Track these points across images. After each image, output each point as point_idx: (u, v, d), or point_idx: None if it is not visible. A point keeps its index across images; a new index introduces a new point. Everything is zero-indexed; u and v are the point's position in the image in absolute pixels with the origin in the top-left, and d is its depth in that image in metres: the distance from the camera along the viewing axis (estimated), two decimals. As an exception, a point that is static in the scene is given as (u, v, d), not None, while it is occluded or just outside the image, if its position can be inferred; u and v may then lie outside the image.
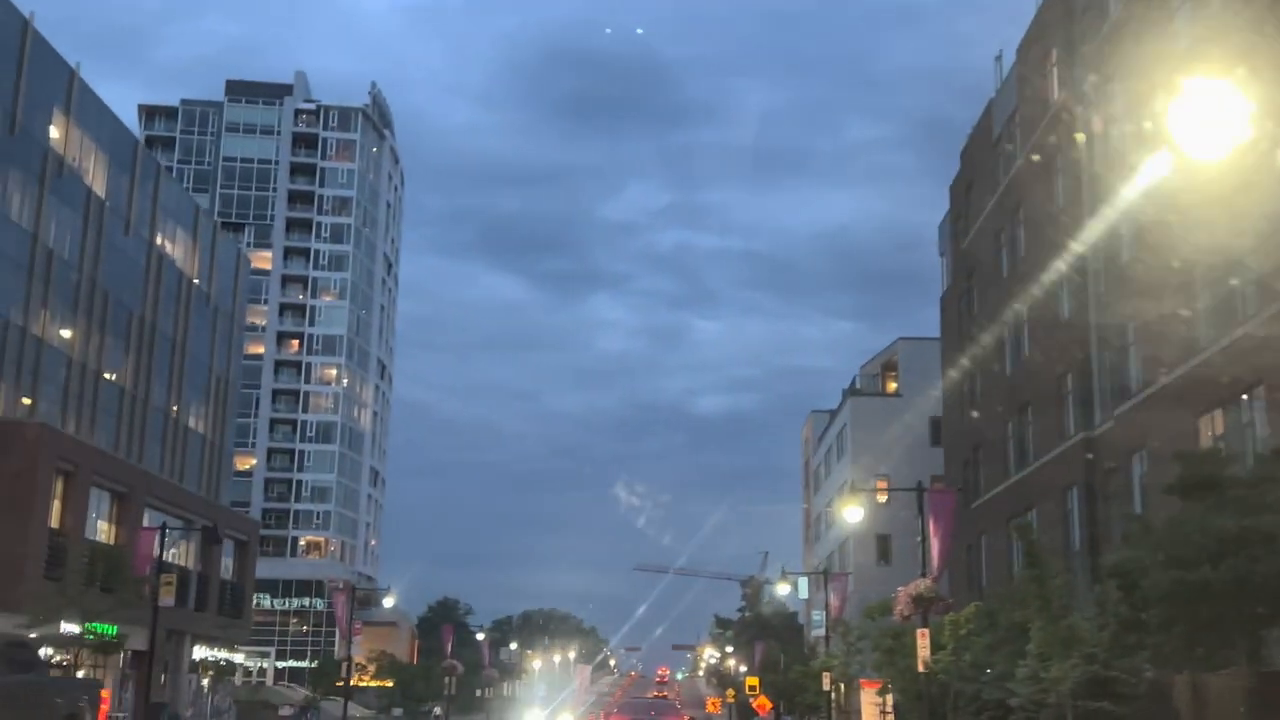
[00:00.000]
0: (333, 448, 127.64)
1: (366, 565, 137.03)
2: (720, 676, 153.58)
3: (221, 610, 69.56)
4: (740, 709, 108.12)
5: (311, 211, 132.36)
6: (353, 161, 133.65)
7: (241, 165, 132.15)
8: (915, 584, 27.51)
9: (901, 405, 66.16)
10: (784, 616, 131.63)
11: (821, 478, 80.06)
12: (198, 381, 70.15)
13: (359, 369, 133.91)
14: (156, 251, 63.86)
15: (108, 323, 58.18)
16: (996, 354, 44.60)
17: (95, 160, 56.96)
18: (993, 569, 45.02)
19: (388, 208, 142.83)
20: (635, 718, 41.56)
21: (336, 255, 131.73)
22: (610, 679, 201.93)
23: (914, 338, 67.54)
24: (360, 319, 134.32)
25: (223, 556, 69.96)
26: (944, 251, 55.46)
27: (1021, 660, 30.99)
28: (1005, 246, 43.87)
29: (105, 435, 58.46)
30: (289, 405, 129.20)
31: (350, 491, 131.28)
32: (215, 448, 72.61)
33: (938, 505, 28.51)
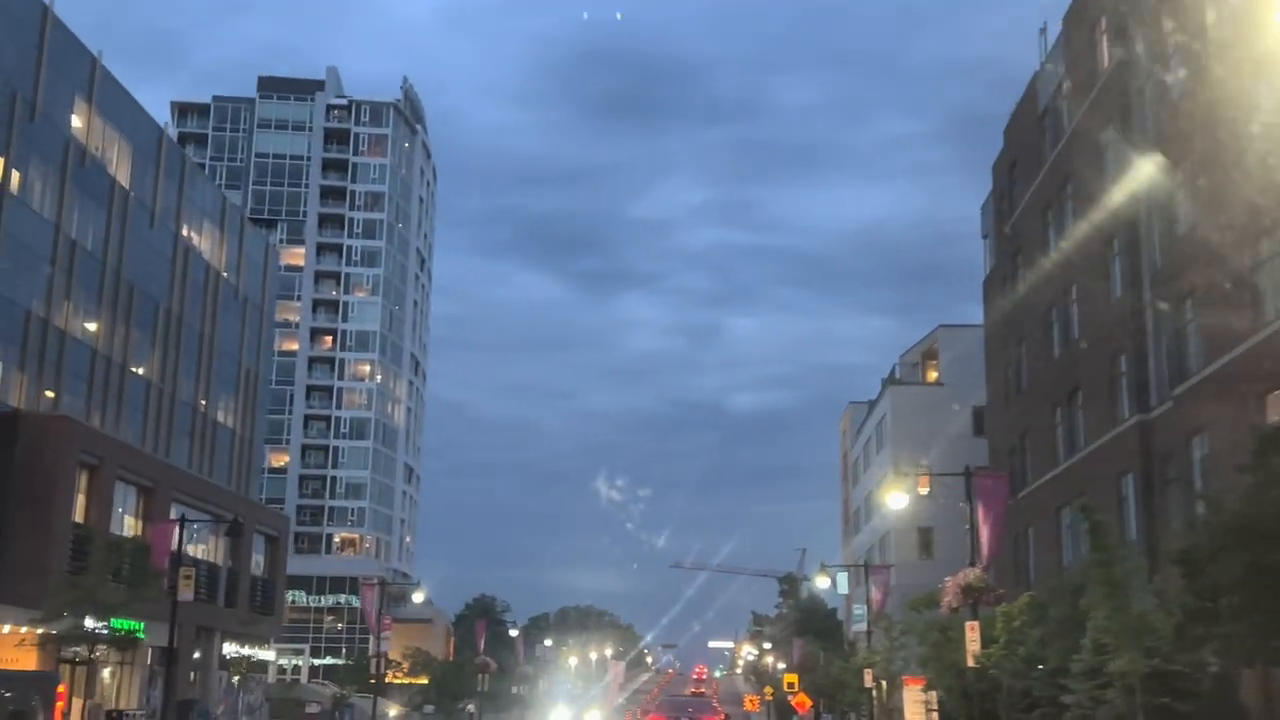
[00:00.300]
0: (366, 444, 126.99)
1: (402, 562, 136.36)
2: (758, 674, 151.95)
3: (252, 606, 68.76)
4: (779, 707, 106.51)
5: (344, 207, 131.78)
6: (385, 156, 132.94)
7: (274, 161, 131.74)
8: (964, 574, 25.98)
9: (942, 394, 64.39)
10: (822, 614, 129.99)
11: (860, 470, 78.32)
12: (226, 375, 69.31)
13: (392, 365, 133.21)
14: (183, 243, 63.01)
15: (133, 315, 57.34)
16: (1043, 337, 42.87)
17: (119, 150, 56.11)
18: (1040, 562, 43.31)
19: (420, 202, 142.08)
20: (673, 715, 40.46)
21: (369, 251, 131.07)
22: (647, 676, 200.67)
23: (955, 325, 65.74)
24: (393, 314, 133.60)
25: (253, 552, 69.20)
26: (986, 234, 53.71)
27: (1076, 655, 29.39)
28: (1052, 224, 42.14)
29: (132, 429, 57.64)
30: (323, 401, 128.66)
31: (385, 488, 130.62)
32: (245, 442, 71.76)
33: (987, 490, 26.94)
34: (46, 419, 47.91)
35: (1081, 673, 28.96)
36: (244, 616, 66.54)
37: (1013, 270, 47.42)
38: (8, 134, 46.45)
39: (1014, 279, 47.38)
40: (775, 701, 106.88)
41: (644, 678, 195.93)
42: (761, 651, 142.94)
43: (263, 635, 70.68)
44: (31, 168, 48.57)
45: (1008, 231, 48.10)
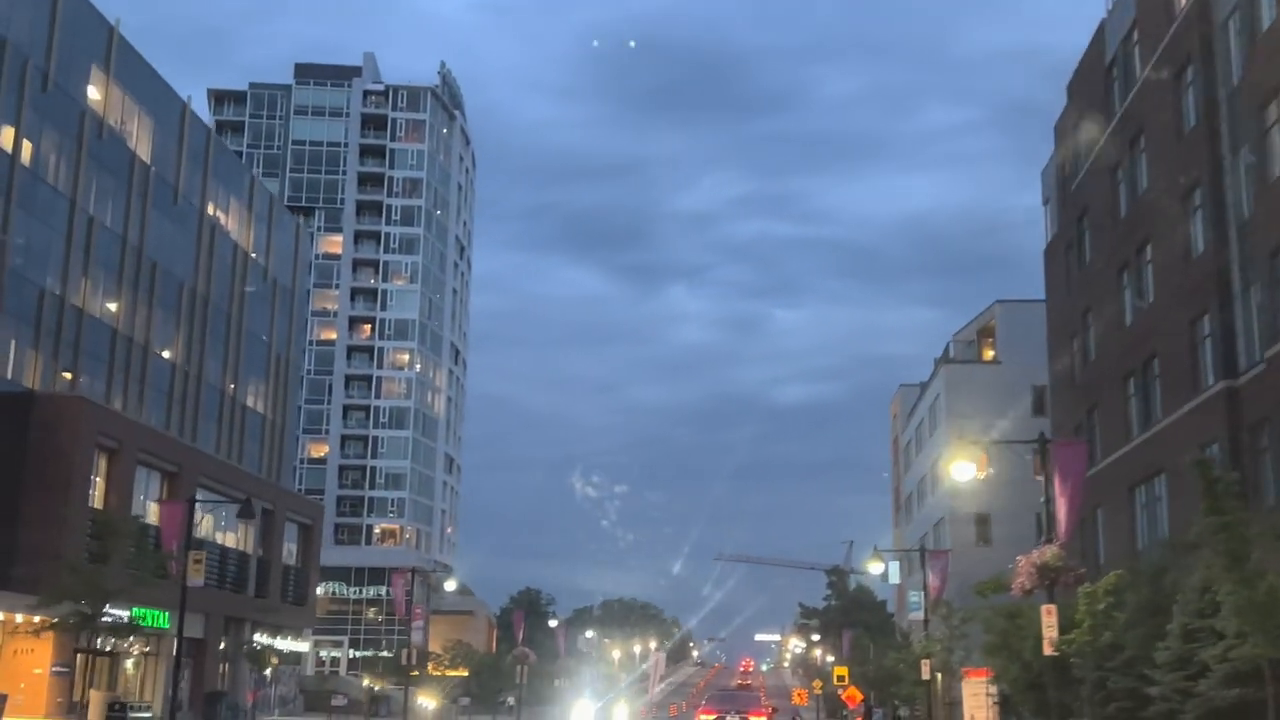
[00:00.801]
0: (406, 433, 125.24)
1: (443, 553, 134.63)
2: (806, 667, 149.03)
3: (284, 596, 66.90)
4: (828, 700, 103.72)
5: (381, 194, 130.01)
6: (422, 142, 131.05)
7: (310, 148, 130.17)
8: (1040, 551, 23.24)
9: (1000, 373, 61.35)
10: (871, 605, 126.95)
11: (912, 455, 75.32)
12: (256, 359, 67.46)
13: (432, 353, 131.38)
14: (209, 222, 61.14)
15: (156, 295, 55.48)
16: (1114, 303, 39.84)
17: (139, 123, 54.23)
18: (1111, 545, 40.33)
19: (459, 190, 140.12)
20: (722, 709, 39.95)
21: (407, 238, 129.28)
22: (692, 670, 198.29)
23: (1012, 300, 62.62)
24: (432, 303, 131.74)
25: (285, 540, 67.33)
26: (1048, 199, 50.61)
27: (1160, 642, 26.52)
28: (1123, 180, 39.10)
29: (156, 413, 55.83)
30: (361, 391, 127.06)
31: (425, 478, 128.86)
32: (276, 428, 69.92)
33: (1065, 460, 24.13)
34: (62, 400, 46.08)
35: (1168, 663, 26.16)
36: (275, 606, 64.68)
37: (1078, 234, 44.39)
38: (18, 103, 44.59)
39: (1079, 244, 44.35)
40: (824, 695, 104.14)
41: (689, 671, 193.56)
42: (809, 644, 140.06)
43: (295, 626, 68.85)
44: (45, 139, 46.72)
45: (1073, 192, 45.04)
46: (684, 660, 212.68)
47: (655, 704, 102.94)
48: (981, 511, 59.85)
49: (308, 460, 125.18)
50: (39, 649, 43.80)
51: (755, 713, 41.68)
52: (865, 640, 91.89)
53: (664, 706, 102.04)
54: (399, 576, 51.92)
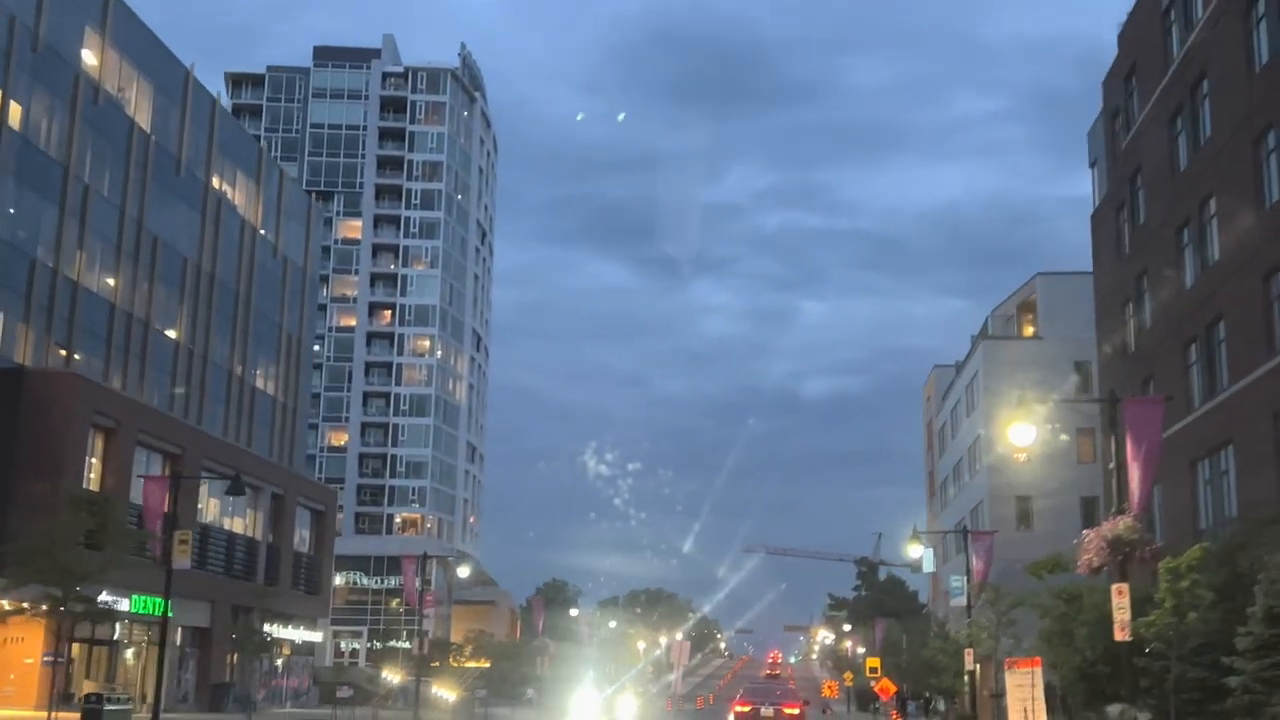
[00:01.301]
0: (427, 421, 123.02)
1: (466, 543, 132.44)
2: (836, 659, 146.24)
3: (296, 585, 64.73)
4: (859, 693, 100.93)
5: (401, 178, 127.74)
6: (443, 125, 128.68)
7: (329, 132, 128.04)
8: (1112, 523, 20.57)
9: (1042, 348, 58.36)
10: (903, 596, 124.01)
11: (947, 437, 72.35)
12: (266, 339, 65.18)
13: (453, 340, 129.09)
14: (214, 195, 58.81)
15: (158, 270, 53.20)
16: (1173, 264, 36.88)
17: (138, 89, 51.91)
18: (1170, 524, 37.39)
19: (480, 173, 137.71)
20: (757, 700, 39.68)
21: (428, 222, 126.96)
22: (719, 662, 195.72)
23: (1054, 272, 59.57)
24: (453, 288, 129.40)
25: (297, 527, 65.15)
26: (1094, 161, 47.61)
27: (1241, 627, 23.73)
28: (1183, 130, 36.12)
29: (158, 393, 53.59)
30: (382, 378, 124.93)
31: (447, 467, 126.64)
32: (288, 411, 67.65)
33: (1139, 419, 21.39)
34: (55, 376, 43.87)
35: (1250, 649, 23.39)
36: (286, 595, 62.47)
37: (1130, 193, 41.41)
38: (6, 63, 42.31)
39: (1132, 203, 41.38)
40: (855, 687, 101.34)
41: (716, 663, 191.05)
42: (839, 635, 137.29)
43: (309, 615, 66.66)
44: (35, 102, 44.42)
45: (1125, 149, 42.06)
46: (711, 652, 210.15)
47: (681, 695, 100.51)
48: (1023, 494, 56.95)
49: (328, 448, 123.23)
50: (30, 638, 41.62)
51: (789, 704, 40.74)
52: (897, 631, 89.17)
53: (690, 698, 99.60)
54: (409, 562, 49.56)
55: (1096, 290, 47.35)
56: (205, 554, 54.07)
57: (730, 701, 41.29)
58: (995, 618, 33.32)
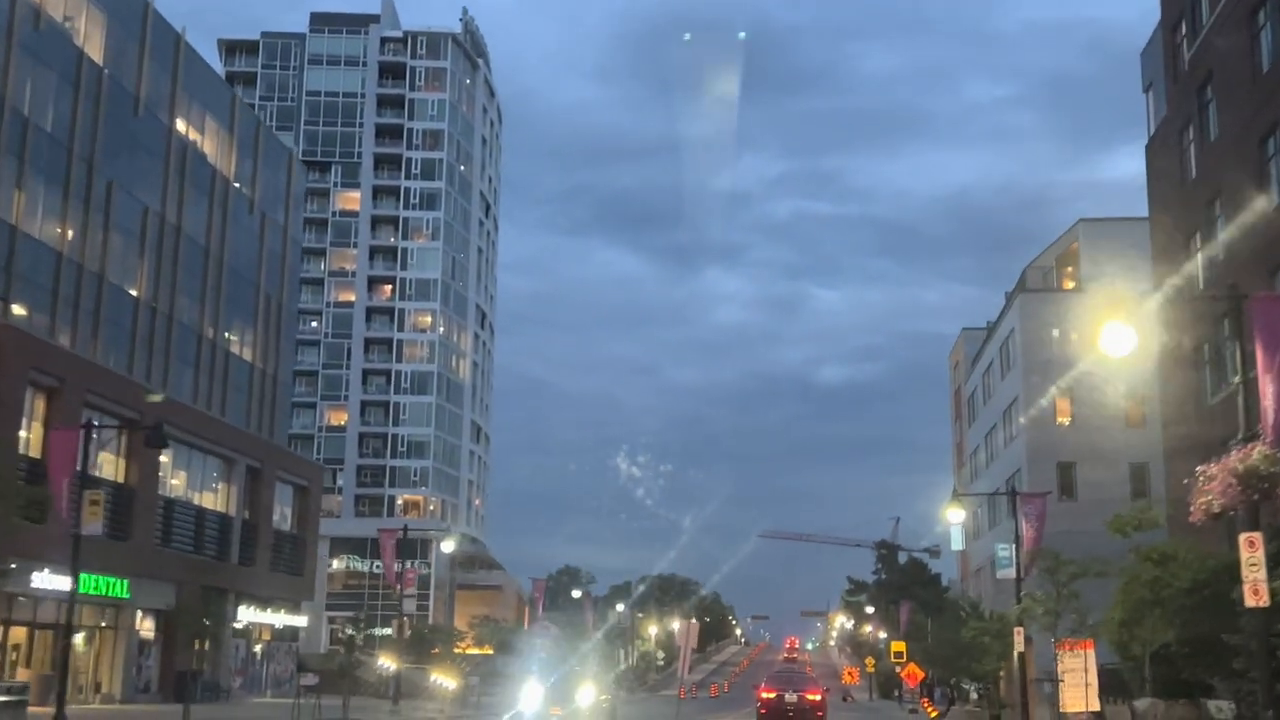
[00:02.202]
0: (429, 399, 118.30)
1: (471, 526, 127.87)
2: (855, 645, 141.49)
3: (276, 566, 60.12)
4: (881, 679, 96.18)
5: (401, 146, 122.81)
6: (444, 92, 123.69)
7: (326, 100, 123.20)
8: (1243, 452, 15.68)
9: (1085, 303, 53.21)
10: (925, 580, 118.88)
11: (978, 404, 67.25)
12: (241, 300, 60.45)
13: (456, 315, 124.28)
14: (179, 140, 54.03)
15: (113, 218, 48.44)
16: (1254, 183, 31.82)
17: (88, 18, 47.12)
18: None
19: (483, 143, 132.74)
20: (781, 687, 40.24)
21: (429, 193, 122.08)
22: (735, 649, 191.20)
23: (1098, 219, 54.41)
24: (456, 262, 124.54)
25: (278, 504, 60.51)
26: (1149, 84, 42.50)
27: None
28: (1267, 22, 31.02)
29: (115, 353, 48.86)
30: (382, 355, 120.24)
31: (450, 447, 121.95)
32: (268, 379, 62.94)
33: (1273, 323, 16.47)
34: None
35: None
36: (265, 577, 57.88)
37: (1198, 108, 36.29)
38: (-78, -27, 37.54)
39: (1201, 120, 36.27)
40: (878, 673, 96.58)
41: (732, 650, 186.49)
42: (859, 620, 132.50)
43: (291, 598, 62.04)
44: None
45: (1191, 60, 36.92)
46: (727, 639, 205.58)
47: (692, 683, 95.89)
48: (1065, 459, 51.91)
49: (326, 428, 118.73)
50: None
51: (811, 691, 40.45)
52: (920, 616, 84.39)
53: (705, 686, 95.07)
54: (388, 537, 44.76)
55: (1154, 229, 42.26)
56: (170, 531, 49.50)
57: (756, 689, 43.84)
58: (1055, 590, 28.30)
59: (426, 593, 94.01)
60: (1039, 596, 28.80)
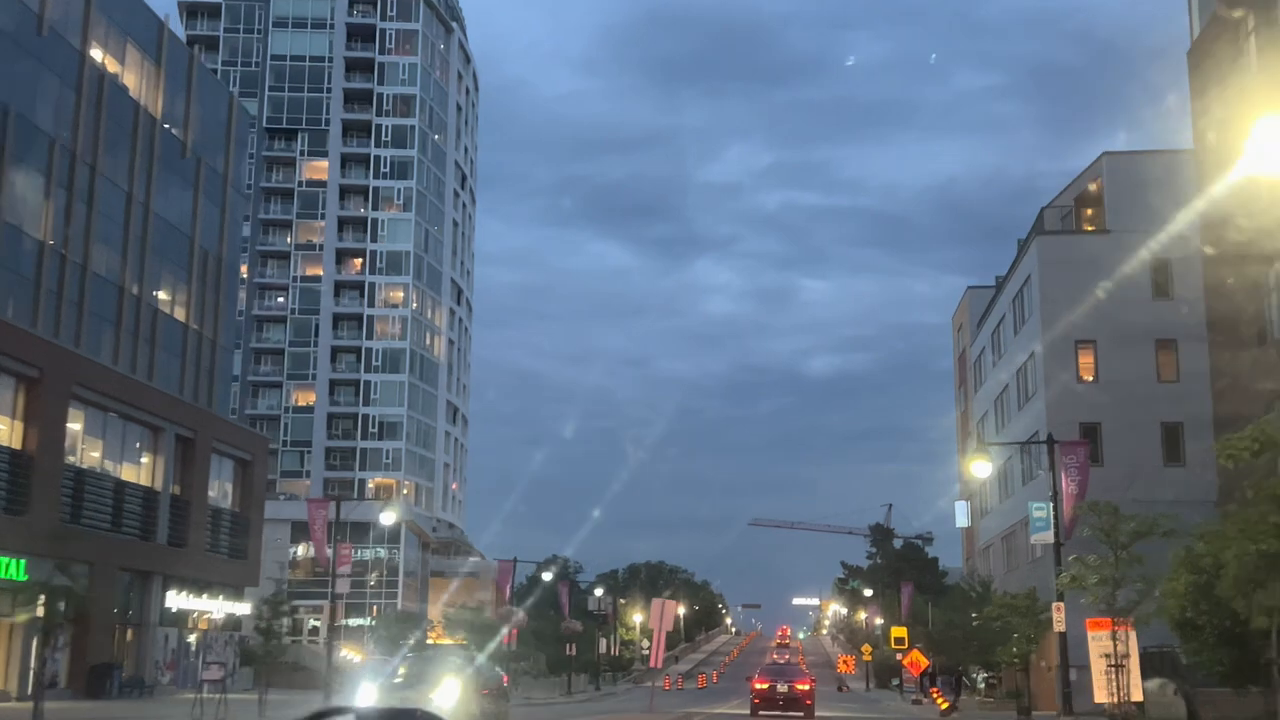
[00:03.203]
0: (401, 378, 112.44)
1: (448, 512, 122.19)
2: (850, 632, 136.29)
3: (215, 548, 54.37)
4: (878, 668, 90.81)
5: (370, 112, 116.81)
6: (415, 55, 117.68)
7: (292, 64, 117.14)
8: None
9: (1110, 246, 47.68)
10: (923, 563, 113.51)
11: (986, 366, 61.63)
12: (174, 254, 54.59)
13: (430, 290, 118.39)
14: (94, 68, 48.08)
15: (10, 149, 42.54)
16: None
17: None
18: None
19: (458, 111, 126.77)
20: (774, 679, 44.35)
21: (400, 161, 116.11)
22: (725, 638, 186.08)
23: (1124, 151, 48.75)
24: (430, 234, 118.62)
25: (217, 479, 54.73)
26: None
27: None
28: None
29: (17, 305, 43.02)
30: (352, 331, 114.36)
31: (425, 428, 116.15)
32: (206, 343, 57.10)
33: None
34: None
35: None
36: (201, 559, 52.15)
37: None
38: None
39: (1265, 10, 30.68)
40: (874, 662, 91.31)
41: (722, 639, 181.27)
42: (854, 607, 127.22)
43: (232, 584, 56.29)
44: None
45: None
46: (718, 628, 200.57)
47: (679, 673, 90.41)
48: (1089, 419, 46.31)
49: (294, 408, 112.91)
50: None
51: (800, 682, 43.97)
52: (919, 600, 79.24)
53: (692, 676, 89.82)
54: (317, 508, 39.03)
55: (1200, 150, 36.74)
56: (81, 505, 43.66)
57: (749, 680, 46.31)
58: (1112, 553, 22.69)
59: (395, 580, 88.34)
60: (1092, 561, 23.14)
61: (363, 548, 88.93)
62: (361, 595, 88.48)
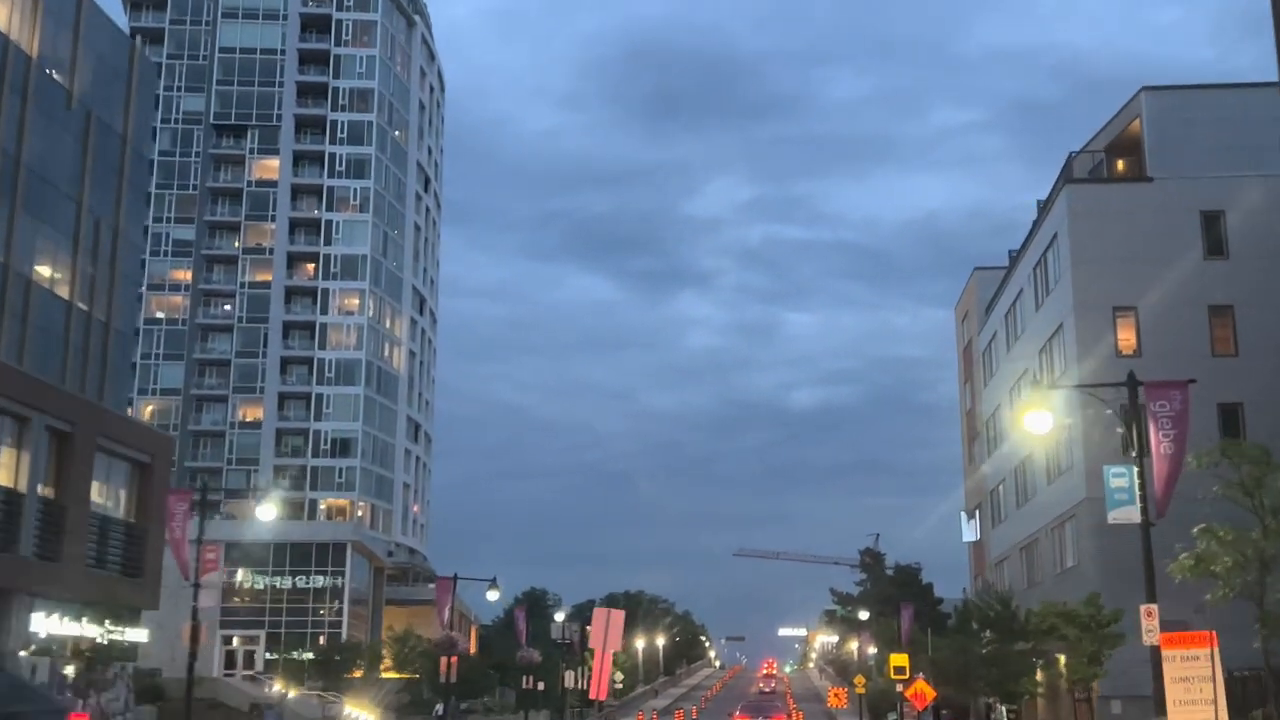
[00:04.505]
0: (356, 390, 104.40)
1: (409, 535, 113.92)
2: (840, 664, 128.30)
3: (103, 563, 46.11)
4: (871, 701, 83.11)
5: (325, 107, 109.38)
6: (373, 47, 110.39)
7: (242, 57, 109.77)
8: None
9: (1154, 196, 40.35)
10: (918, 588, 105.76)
11: (999, 353, 54.04)
12: (57, 220, 46.80)
13: (389, 297, 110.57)
14: (-55, -10, 40.45)
15: None
16: None
17: None
18: None
19: (421, 109, 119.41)
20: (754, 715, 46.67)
21: (357, 159, 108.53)
22: (708, 671, 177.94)
23: (1166, 86, 41.39)
24: (389, 238, 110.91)
25: (108, 483, 46.53)
26: None
27: None
28: None
29: None
30: (303, 341, 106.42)
31: (383, 445, 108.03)
32: (97, 325, 49.22)
33: None
34: None
35: None
36: (81, 575, 44.00)
37: None
38: None
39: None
40: (868, 694, 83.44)
41: (704, 672, 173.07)
42: (844, 636, 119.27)
43: (126, 607, 48.10)
44: None
45: None
46: (700, 661, 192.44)
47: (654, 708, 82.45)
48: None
49: (240, 424, 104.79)
50: None
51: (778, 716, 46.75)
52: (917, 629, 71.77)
53: (669, 713, 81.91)
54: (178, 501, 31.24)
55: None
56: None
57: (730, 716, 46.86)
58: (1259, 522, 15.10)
59: (339, 606, 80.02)
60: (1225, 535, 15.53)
61: (303, 572, 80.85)
62: (303, 625, 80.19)
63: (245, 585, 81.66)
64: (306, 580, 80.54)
